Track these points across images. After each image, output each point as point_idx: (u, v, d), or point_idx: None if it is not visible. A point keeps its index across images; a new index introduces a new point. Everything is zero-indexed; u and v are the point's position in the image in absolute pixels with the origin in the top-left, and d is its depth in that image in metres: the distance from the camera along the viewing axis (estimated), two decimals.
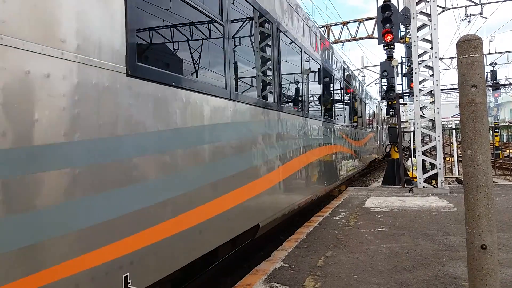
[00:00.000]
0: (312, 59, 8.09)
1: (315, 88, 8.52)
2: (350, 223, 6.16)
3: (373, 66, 40.81)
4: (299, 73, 7.14)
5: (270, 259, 4.42)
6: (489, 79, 28.61)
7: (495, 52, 37.70)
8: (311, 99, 7.98)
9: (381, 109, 25.36)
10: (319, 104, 8.81)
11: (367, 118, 17.71)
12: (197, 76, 3.58)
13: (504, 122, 53.13)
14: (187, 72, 3.44)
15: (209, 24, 3.83)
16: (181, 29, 3.39)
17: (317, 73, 8.61)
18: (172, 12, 3.27)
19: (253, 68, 4.99)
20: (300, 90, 7.23)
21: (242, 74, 4.68)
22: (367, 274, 3.77)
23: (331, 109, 10.05)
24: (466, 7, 24.43)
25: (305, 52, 7.38)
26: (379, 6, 11.93)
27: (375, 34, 19.76)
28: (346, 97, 12.39)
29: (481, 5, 23.38)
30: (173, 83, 3.07)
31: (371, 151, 18.96)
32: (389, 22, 11.70)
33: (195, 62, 3.58)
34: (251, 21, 4.85)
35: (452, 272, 3.72)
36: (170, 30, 3.25)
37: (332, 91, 10.17)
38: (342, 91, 11.70)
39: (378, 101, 24.81)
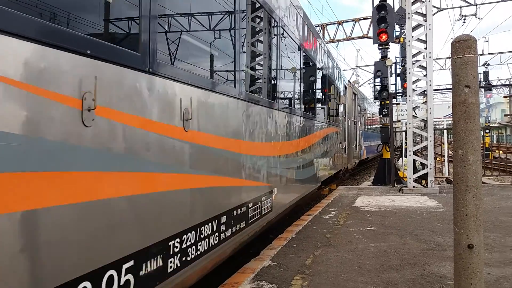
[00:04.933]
0: None
1: None
2: (339, 222, 6.16)
3: (368, 65, 40.92)
4: None
5: (258, 257, 4.39)
6: (482, 80, 28.81)
7: (489, 53, 38.03)
8: None
9: (354, 94, 16.98)
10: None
11: (327, 104, 10.50)
12: None
13: (495, 123, 53.58)
14: None
15: None
16: None
17: None
18: None
19: None
20: None
21: None
22: (354, 273, 3.76)
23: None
24: (461, 7, 24.59)
25: None
26: (374, 5, 11.92)
27: (370, 34, 19.81)
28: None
29: (476, 5, 23.54)
30: None
31: (328, 160, 10.51)
32: (384, 22, 11.69)
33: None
34: None
35: (438, 272, 3.72)
36: None
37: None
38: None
39: (349, 82, 16.55)
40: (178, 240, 2.97)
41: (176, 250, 2.94)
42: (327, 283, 3.49)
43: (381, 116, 13.49)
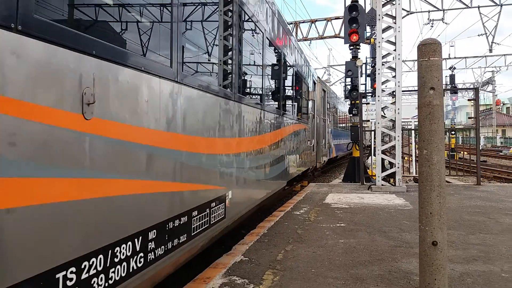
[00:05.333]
0: None
1: None
2: (310, 218, 6.27)
3: (339, 65, 41.59)
4: None
5: (230, 252, 4.43)
6: (448, 83, 29.71)
7: (455, 57, 39.32)
8: None
9: (324, 91, 16.60)
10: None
11: (294, 99, 10.15)
12: None
13: (460, 124, 55.45)
14: None
15: None
16: None
17: None
18: None
19: None
20: None
21: None
22: (324, 268, 3.85)
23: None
24: (429, 12, 25.26)
25: None
26: (346, 6, 12.13)
27: (342, 34, 20.09)
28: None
29: (443, 11, 24.24)
30: None
31: (296, 158, 10.05)
32: (356, 23, 11.92)
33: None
34: None
35: (405, 268, 3.86)
36: None
37: None
38: None
39: (319, 78, 15.76)
40: (72, 270, 2.12)
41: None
42: (298, 278, 3.57)
43: (351, 115, 13.75)
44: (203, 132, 3.99)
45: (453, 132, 26.22)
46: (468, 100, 20.27)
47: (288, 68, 9.24)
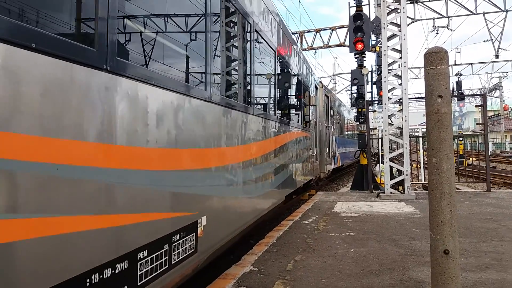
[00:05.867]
0: None
1: None
2: (319, 227, 6.24)
3: (345, 73, 41.68)
4: None
5: (239, 263, 4.42)
6: (455, 89, 29.61)
7: (461, 64, 39.26)
8: None
9: (327, 96, 15.64)
10: None
11: (292, 103, 9.19)
12: None
13: (468, 131, 55.13)
14: None
15: None
16: None
17: None
18: None
19: None
20: None
21: None
22: (334, 278, 3.83)
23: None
24: (434, 19, 25.28)
25: None
26: (351, 15, 12.18)
27: (347, 42, 20.16)
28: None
29: (448, 18, 24.23)
30: None
31: (295, 170, 9.06)
32: (361, 31, 11.96)
33: None
34: None
35: (417, 276, 3.82)
36: None
37: None
38: None
39: (321, 83, 14.75)
40: None
41: None
42: None
43: (358, 123, 13.74)
44: (160, 141, 3.01)
45: (461, 139, 26.06)
46: (476, 106, 20.18)
47: (285, 69, 8.37)
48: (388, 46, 9.87)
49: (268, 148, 6.61)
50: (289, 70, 8.89)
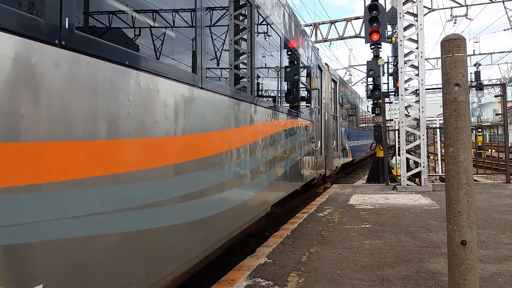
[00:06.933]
0: None
1: None
2: (334, 219, 6.21)
3: (360, 65, 41.19)
4: None
5: (254, 255, 4.43)
6: (473, 80, 29.08)
7: (479, 53, 38.42)
8: None
9: (334, 82, 13.62)
10: None
11: (287, 83, 7.36)
12: None
13: (487, 122, 54.09)
14: None
15: None
16: None
17: None
18: None
19: None
20: None
21: None
22: (350, 269, 3.81)
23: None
24: (451, 8, 24.80)
25: None
26: (366, 5, 12.01)
27: (362, 34, 19.90)
28: None
29: (466, 6, 23.74)
30: None
31: (289, 168, 7.19)
32: (376, 22, 11.80)
33: None
34: None
35: (433, 268, 3.78)
36: None
37: None
38: None
39: (327, 66, 12.53)
40: None
41: None
42: (323, 280, 3.54)
43: (374, 114, 13.59)
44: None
45: (479, 130, 25.60)
46: (495, 96, 19.77)
47: (276, 39, 6.44)
48: (404, 37, 9.71)
49: (249, 139, 4.84)
50: (277, 33, 6.47)
